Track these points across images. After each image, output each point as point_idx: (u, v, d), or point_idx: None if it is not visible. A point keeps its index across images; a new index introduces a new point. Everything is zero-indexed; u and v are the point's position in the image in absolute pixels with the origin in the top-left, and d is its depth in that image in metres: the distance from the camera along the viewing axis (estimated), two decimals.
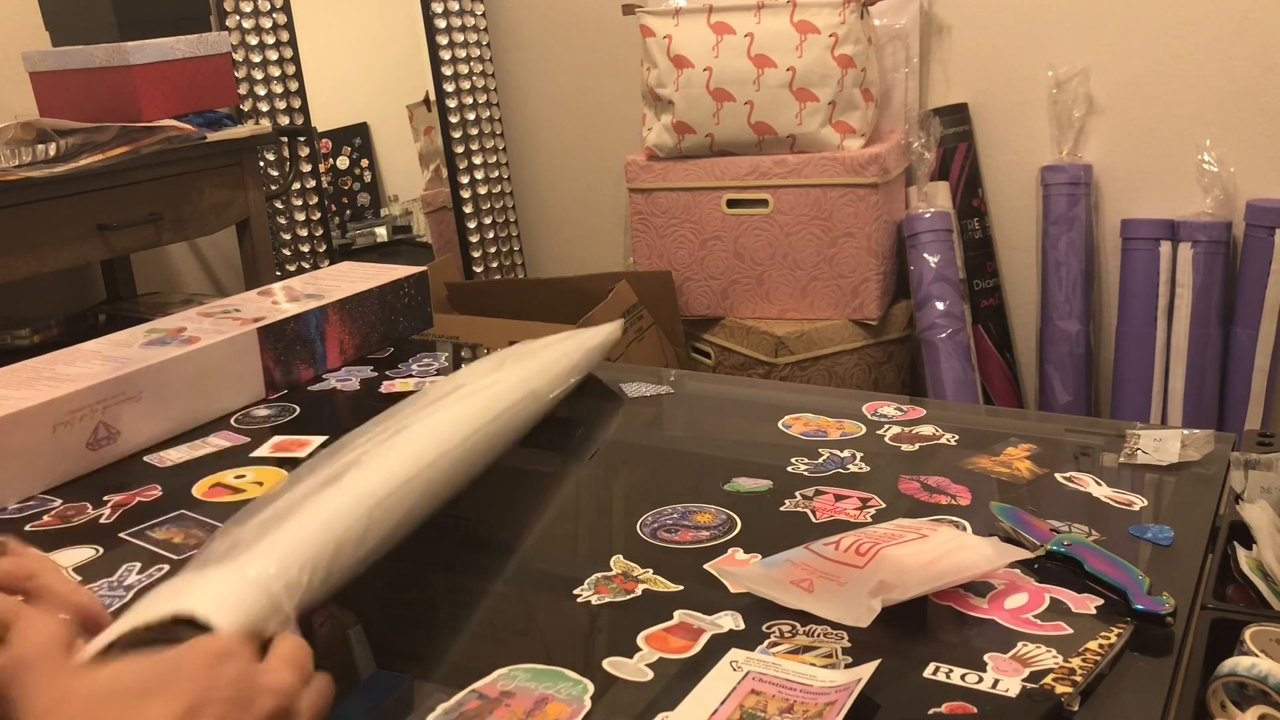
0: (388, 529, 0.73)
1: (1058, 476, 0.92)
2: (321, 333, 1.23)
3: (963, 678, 0.65)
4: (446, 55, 2.72)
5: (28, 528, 0.91)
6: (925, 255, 2.28)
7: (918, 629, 0.71)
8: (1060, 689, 0.62)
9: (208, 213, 2.25)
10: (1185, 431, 0.96)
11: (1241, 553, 0.74)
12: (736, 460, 0.99)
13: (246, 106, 2.51)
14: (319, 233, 2.62)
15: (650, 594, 0.76)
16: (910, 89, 2.39)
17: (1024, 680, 0.64)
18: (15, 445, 0.94)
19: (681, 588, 0.77)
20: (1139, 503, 0.87)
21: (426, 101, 2.83)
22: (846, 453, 0.98)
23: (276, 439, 1.07)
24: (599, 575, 0.78)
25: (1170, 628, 0.68)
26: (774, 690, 0.62)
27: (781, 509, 0.88)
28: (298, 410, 1.14)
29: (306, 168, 2.60)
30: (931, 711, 0.62)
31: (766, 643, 0.69)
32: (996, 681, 0.64)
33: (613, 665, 0.68)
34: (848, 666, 0.66)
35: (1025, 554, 0.76)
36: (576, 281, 2.40)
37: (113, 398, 1.01)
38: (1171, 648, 0.67)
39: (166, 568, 0.84)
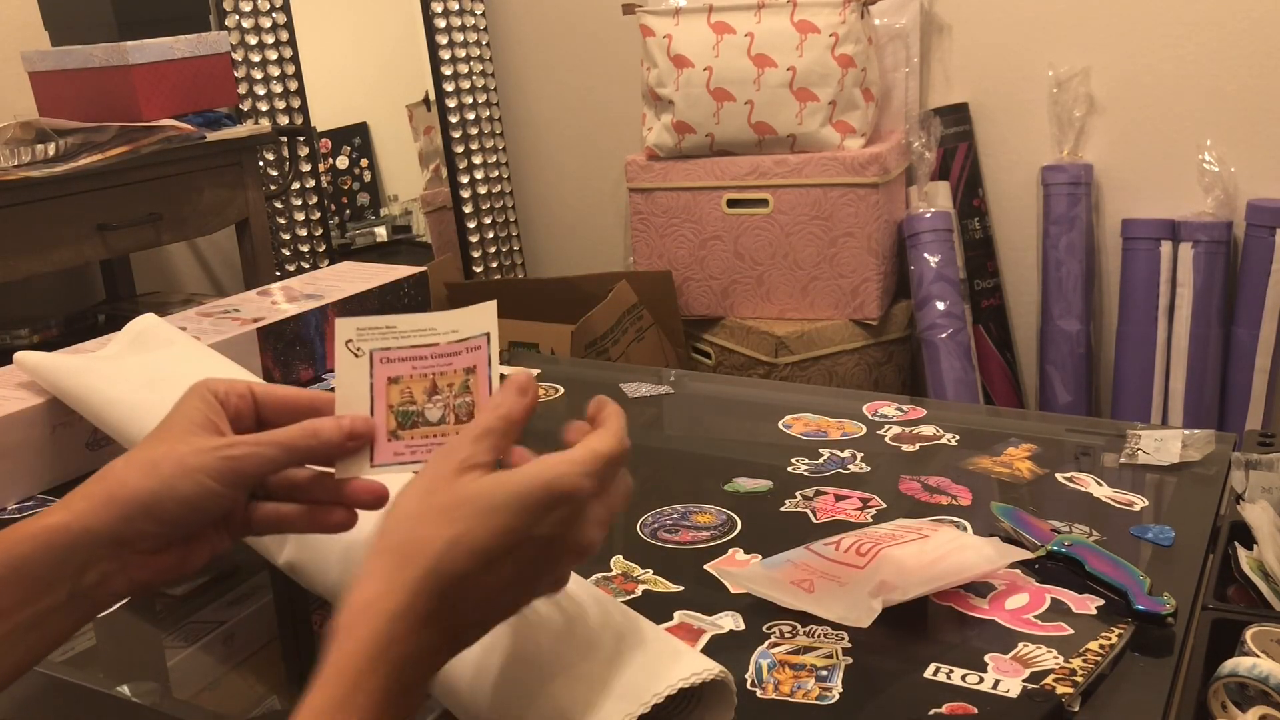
0: None
1: (1058, 477, 0.92)
2: (321, 333, 1.23)
3: (963, 678, 0.65)
4: (446, 55, 2.72)
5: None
6: (925, 255, 2.28)
7: (918, 629, 0.70)
8: (1061, 689, 0.62)
9: (207, 213, 2.25)
10: (1186, 432, 0.96)
11: (1242, 553, 0.74)
12: (737, 460, 0.99)
13: (246, 106, 2.51)
14: (318, 233, 2.62)
15: (650, 594, 0.76)
16: (910, 89, 2.39)
17: (1025, 681, 0.64)
18: (15, 445, 0.94)
19: (681, 588, 0.77)
20: (1140, 503, 0.86)
21: (426, 101, 2.83)
22: (847, 453, 0.98)
23: None
24: (599, 576, 0.78)
25: (1171, 628, 0.68)
26: (408, 369, 0.60)
27: (782, 509, 0.88)
28: None
29: (306, 167, 2.59)
30: (932, 712, 0.62)
31: (767, 643, 0.69)
32: (997, 682, 0.64)
33: None
34: (847, 667, 0.66)
35: (1026, 554, 0.76)
36: (576, 281, 2.40)
37: None
38: (1172, 648, 0.67)
39: None
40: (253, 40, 2.51)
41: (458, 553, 0.50)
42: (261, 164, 2.45)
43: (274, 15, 2.53)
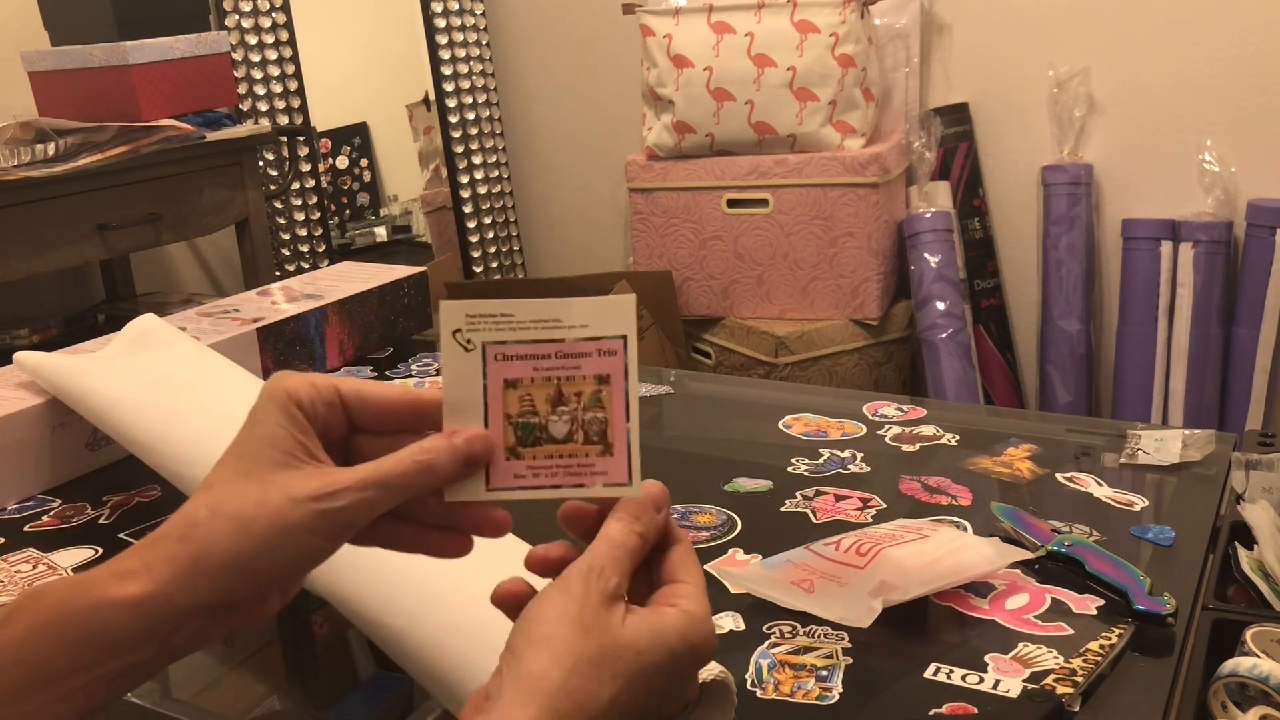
0: None
1: (1058, 477, 0.92)
2: (321, 333, 1.23)
3: (963, 678, 0.65)
4: (446, 55, 2.72)
5: (27, 528, 0.91)
6: (926, 255, 2.28)
7: (918, 629, 0.70)
8: (1061, 689, 0.62)
9: (207, 213, 2.25)
10: (1186, 432, 0.96)
11: (1243, 553, 0.74)
12: (737, 460, 0.99)
13: (246, 106, 2.51)
14: (318, 232, 2.62)
15: None
16: (911, 88, 2.39)
17: (1025, 681, 0.64)
18: (15, 445, 0.94)
19: None
20: (1140, 503, 0.86)
21: (426, 101, 2.83)
22: (847, 453, 0.98)
23: None
24: None
25: (1171, 628, 0.68)
26: (529, 371, 0.52)
27: (782, 509, 0.88)
28: None
29: (306, 167, 2.59)
30: (932, 712, 0.62)
31: (767, 643, 0.69)
32: (997, 682, 0.64)
33: None
34: (847, 668, 0.66)
35: (1026, 554, 0.76)
36: (576, 281, 2.40)
37: None
38: (1172, 648, 0.67)
39: None
40: (253, 40, 2.51)
41: (613, 715, 0.46)
42: (261, 164, 2.45)
43: (274, 15, 2.53)
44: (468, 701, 0.48)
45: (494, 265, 2.85)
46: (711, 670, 0.57)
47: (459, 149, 2.76)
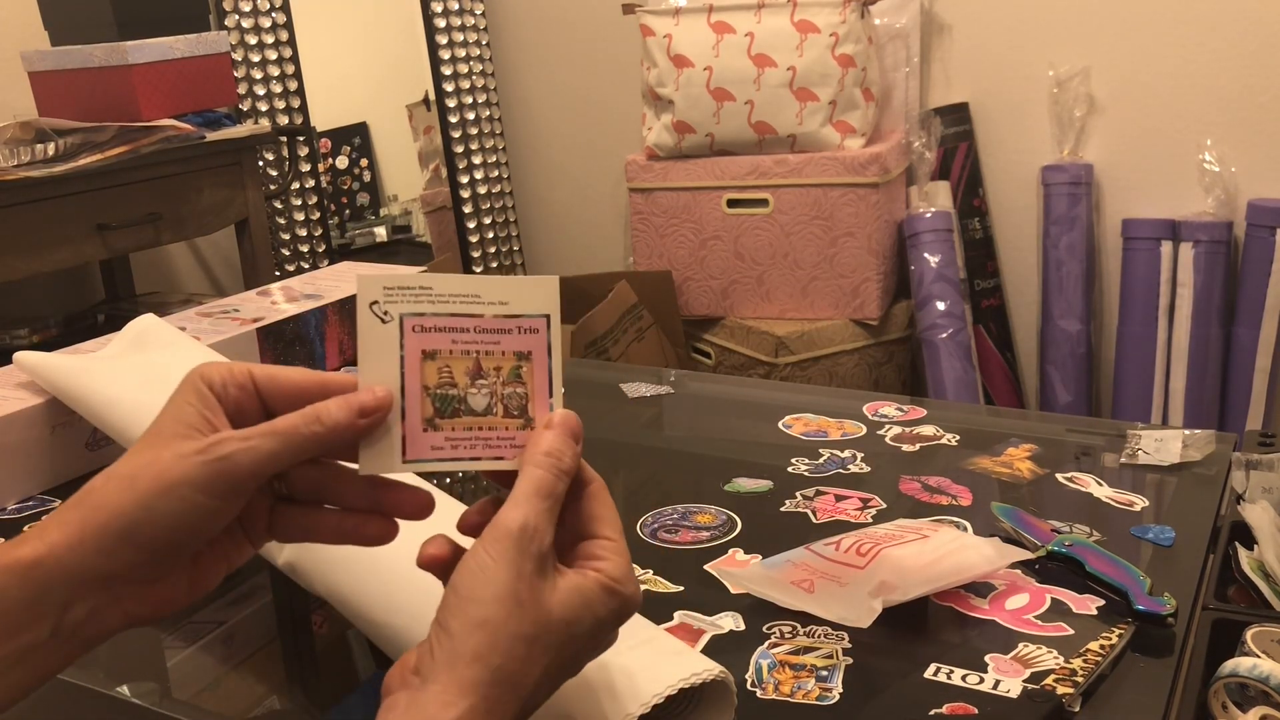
0: None
1: (1059, 477, 0.92)
2: (321, 333, 1.23)
3: (964, 678, 0.65)
4: (446, 55, 2.72)
5: (27, 528, 0.91)
6: (926, 255, 2.28)
7: (918, 630, 0.70)
8: (1061, 690, 0.62)
9: (207, 212, 2.25)
10: (1186, 432, 0.96)
11: (1243, 553, 0.74)
12: (737, 460, 0.99)
13: (245, 106, 2.51)
14: (318, 232, 2.62)
15: (650, 595, 0.76)
16: (911, 88, 2.39)
17: (1025, 681, 0.64)
18: (15, 445, 0.94)
19: (682, 588, 0.76)
20: (1140, 503, 0.86)
21: (426, 101, 2.83)
22: (847, 453, 0.98)
23: None
24: None
25: (1171, 628, 0.68)
26: (447, 343, 0.51)
27: (782, 509, 0.88)
28: None
29: (306, 167, 2.59)
30: (932, 712, 0.62)
31: (767, 643, 0.69)
32: (997, 682, 0.64)
33: None
34: (847, 668, 0.66)
35: (1026, 554, 0.76)
36: (576, 281, 2.40)
37: None
38: (1173, 648, 0.67)
39: None
40: (253, 40, 2.51)
41: (548, 684, 0.48)
42: (261, 164, 2.45)
43: (274, 15, 2.53)
44: (394, 668, 0.47)
45: (494, 265, 2.85)
46: (712, 670, 0.57)
47: (459, 149, 2.76)
